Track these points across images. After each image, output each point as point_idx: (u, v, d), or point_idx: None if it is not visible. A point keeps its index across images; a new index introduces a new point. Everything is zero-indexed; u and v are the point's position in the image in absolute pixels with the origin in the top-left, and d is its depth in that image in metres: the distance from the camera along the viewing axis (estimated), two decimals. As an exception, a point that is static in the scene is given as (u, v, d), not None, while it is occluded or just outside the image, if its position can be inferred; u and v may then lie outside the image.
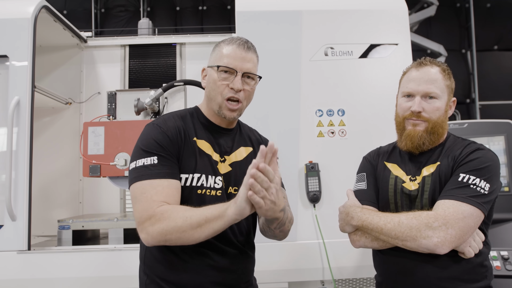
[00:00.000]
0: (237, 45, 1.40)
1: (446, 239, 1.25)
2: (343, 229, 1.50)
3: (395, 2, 2.50)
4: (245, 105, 1.44)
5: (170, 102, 2.64)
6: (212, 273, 1.35)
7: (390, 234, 1.33)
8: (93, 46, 3.01)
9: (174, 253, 1.36)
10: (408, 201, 1.45)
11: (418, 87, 1.45)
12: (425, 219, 1.28)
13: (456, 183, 1.34)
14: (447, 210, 1.28)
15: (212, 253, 1.36)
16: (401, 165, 1.52)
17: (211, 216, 1.19)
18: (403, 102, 1.50)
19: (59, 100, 2.80)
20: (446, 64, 1.52)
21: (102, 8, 7.65)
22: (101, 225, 2.34)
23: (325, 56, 2.39)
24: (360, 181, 1.59)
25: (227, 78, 1.38)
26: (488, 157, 1.38)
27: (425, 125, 1.45)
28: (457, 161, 1.39)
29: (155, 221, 1.22)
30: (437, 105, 1.44)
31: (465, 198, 1.29)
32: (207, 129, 1.45)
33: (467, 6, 8.01)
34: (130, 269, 2.18)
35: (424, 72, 1.46)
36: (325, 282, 2.33)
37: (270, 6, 2.45)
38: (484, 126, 2.06)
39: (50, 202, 2.88)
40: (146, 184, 1.28)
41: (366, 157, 1.67)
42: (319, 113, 2.35)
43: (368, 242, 1.43)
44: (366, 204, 1.50)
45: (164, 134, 1.34)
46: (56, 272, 2.15)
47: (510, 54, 8.15)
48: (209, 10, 7.81)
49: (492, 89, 7.92)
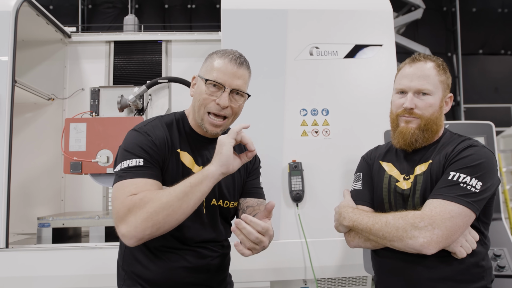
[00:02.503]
0: (229, 59, 1.34)
1: (433, 239, 1.22)
2: (337, 229, 1.49)
3: (380, 4, 2.52)
4: (231, 122, 1.40)
5: (154, 99, 2.62)
6: (186, 272, 1.35)
7: (378, 234, 1.31)
8: (77, 42, 2.97)
9: (150, 251, 1.36)
10: (401, 200, 1.42)
11: (411, 83, 1.42)
12: (411, 219, 1.26)
13: (446, 182, 1.30)
14: (434, 209, 1.25)
15: (186, 252, 1.36)
16: (396, 164, 1.50)
17: (195, 181, 1.19)
18: (396, 98, 1.47)
19: (41, 96, 2.76)
20: (441, 59, 1.49)
21: (90, 4, 7.56)
22: (82, 223, 2.31)
23: (310, 56, 2.40)
24: (357, 181, 1.57)
25: (214, 92, 1.33)
26: (481, 154, 1.33)
27: (417, 122, 1.41)
28: (449, 159, 1.35)
29: (137, 209, 1.16)
30: (430, 101, 1.41)
31: (453, 197, 1.26)
32: (191, 139, 1.40)
33: (454, 10, 8.12)
34: (111, 268, 2.14)
35: (417, 68, 1.43)
36: (308, 281, 2.33)
37: (256, 5, 2.45)
38: (465, 127, 2.08)
39: (31, 199, 2.83)
40: (127, 182, 1.23)
41: (364, 157, 1.64)
42: (303, 113, 2.35)
43: (361, 242, 1.41)
44: (360, 204, 1.49)
45: (152, 143, 1.30)
46: (35, 270, 2.11)
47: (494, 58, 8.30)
48: (198, 9, 7.78)
49: (477, 92, 8.06)
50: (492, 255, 1.77)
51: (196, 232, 1.37)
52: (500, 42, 8.24)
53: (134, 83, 2.77)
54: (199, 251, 1.38)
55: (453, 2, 8.11)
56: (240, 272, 1.90)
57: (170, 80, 2.61)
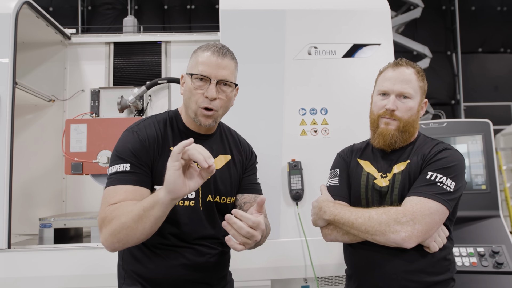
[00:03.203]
0: (211, 51, 1.36)
1: (413, 233, 1.30)
2: (315, 223, 1.54)
3: (378, 3, 2.53)
4: (221, 113, 1.42)
5: (154, 100, 2.63)
6: (185, 270, 1.37)
7: (360, 228, 1.38)
8: (77, 43, 2.99)
9: (148, 249, 1.37)
10: (378, 197, 1.50)
11: (394, 86, 1.50)
12: (394, 215, 1.33)
13: (424, 181, 1.40)
14: (415, 206, 1.34)
15: (184, 249, 1.38)
16: (373, 162, 1.57)
17: (147, 205, 1.16)
18: (378, 100, 1.55)
19: (42, 97, 2.77)
20: (420, 66, 1.59)
21: (89, 6, 7.58)
22: (84, 223, 2.33)
23: (309, 55, 2.41)
24: (334, 177, 1.64)
25: (201, 86, 1.35)
26: (455, 157, 1.44)
27: (396, 124, 1.50)
28: (426, 160, 1.45)
29: (106, 223, 1.21)
30: (410, 105, 1.49)
31: (432, 195, 1.35)
32: (184, 136, 1.41)
33: (452, 9, 8.13)
34: (112, 267, 2.16)
35: (400, 72, 1.51)
36: (308, 279, 2.35)
37: (254, 5, 2.46)
38: (463, 125, 2.10)
39: (33, 200, 2.85)
40: (111, 189, 1.27)
41: (340, 154, 1.73)
42: (302, 112, 2.37)
43: (339, 236, 1.48)
44: (338, 199, 1.55)
45: (141, 143, 1.33)
46: (37, 271, 2.12)
47: (494, 57, 8.30)
48: (197, 9, 7.80)
49: (477, 90, 8.07)
50: (491, 252, 1.79)
51: (193, 228, 1.38)
52: (499, 41, 8.25)
53: (134, 84, 2.78)
54: (197, 248, 1.39)
55: (452, 0, 8.12)
56: (240, 271, 1.91)
57: (170, 81, 2.62)
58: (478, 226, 1.95)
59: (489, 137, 2.04)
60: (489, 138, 2.04)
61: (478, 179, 2.08)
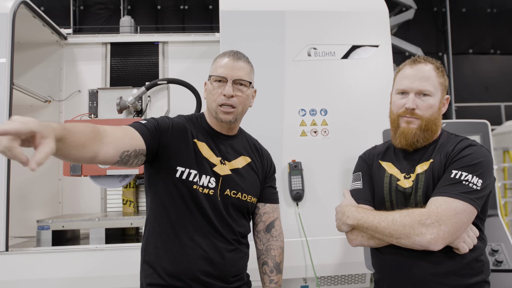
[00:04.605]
0: (227, 56, 1.52)
1: (439, 235, 1.25)
2: (339, 228, 1.50)
3: (376, 5, 2.55)
4: (241, 110, 1.53)
5: (153, 101, 2.62)
6: (202, 261, 1.42)
7: (384, 232, 1.34)
8: (73, 44, 2.96)
9: (168, 239, 1.45)
10: (402, 199, 1.45)
11: (412, 84, 1.45)
12: (418, 216, 1.29)
13: (449, 180, 1.34)
14: (439, 207, 1.29)
15: (202, 241, 1.44)
16: (395, 163, 1.53)
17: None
18: (397, 99, 1.50)
19: (38, 98, 2.74)
20: (440, 61, 1.54)
21: (81, 6, 7.52)
22: (82, 225, 2.30)
23: (308, 57, 2.42)
24: (356, 181, 1.59)
25: (220, 86, 1.49)
26: (480, 153, 1.38)
27: (418, 122, 1.45)
28: (450, 158, 1.40)
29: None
30: (430, 102, 1.44)
31: (457, 195, 1.30)
32: (208, 134, 1.55)
33: (444, 10, 8.23)
34: (112, 269, 2.16)
35: (418, 70, 1.46)
36: (308, 279, 2.36)
37: (254, 6, 2.47)
38: (461, 126, 2.12)
39: (28, 202, 2.81)
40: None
41: (362, 157, 1.66)
42: (302, 113, 2.38)
43: (364, 240, 1.44)
44: (362, 203, 1.51)
45: (167, 123, 1.46)
46: (35, 273, 2.10)
47: (484, 58, 8.43)
48: (191, 10, 7.79)
49: (467, 91, 8.18)
50: (490, 250, 1.81)
51: (213, 216, 1.46)
52: (489, 42, 8.38)
53: (131, 84, 2.77)
54: (213, 240, 1.45)
55: (444, 2, 8.22)
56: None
57: (169, 81, 2.61)
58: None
59: (487, 137, 2.07)
60: (487, 138, 2.06)
61: (476, 178, 2.10)
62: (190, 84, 2.57)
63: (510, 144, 5.63)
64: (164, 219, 1.45)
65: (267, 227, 1.63)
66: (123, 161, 1.29)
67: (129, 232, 2.62)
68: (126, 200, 2.68)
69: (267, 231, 1.63)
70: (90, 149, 1.14)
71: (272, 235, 1.63)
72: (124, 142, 1.27)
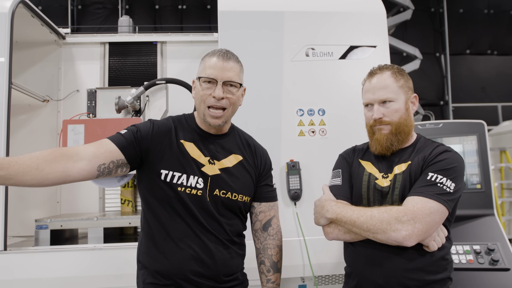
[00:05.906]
0: (217, 56, 1.48)
1: (414, 232, 1.33)
2: (317, 222, 1.57)
3: (374, 5, 2.57)
4: (230, 112, 1.52)
5: (151, 101, 2.62)
6: (192, 261, 1.43)
7: (362, 226, 1.41)
8: (72, 43, 2.96)
9: (161, 240, 1.46)
10: (379, 197, 1.53)
11: (374, 96, 1.55)
12: (395, 213, 1.36)
13: (425, 181, 1.43)
14: (415, 205, 1.36)
15: (193, 241, 1.44)
16: (374, 163, 1.61)
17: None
18: (366, 112, 1.61)
19: (36, 98, 2.74)
20: (397, 66, 1.61)
21: (79, 5, 7.51)
22: (81, 224, 2.31)
23: (306, 57, 2.43)
24: (336, 177, 1.67)
25: (209, 88, 1.46)
26: (455, 159, 1.47)
27: (389, 128, 1.54)
28: (427, 161, 1.48)
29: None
30: (395, 107, 1.53)
31: (432, 195, 1.38)
32: (197, 134, 1.53)
33: (441, 11, 8.26)
34: (110, 269, 2.16)
35: (376, 80, 1.56)
36: (305, 278, 2.37)
37: (252, 7, 2.48)
38: (458, 126, 2.15)
39: (26, 202, 2.81)
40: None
41: (342, 155, 1.75)
42: (300, 113, 2.39)
43: (341, 234, 1.50)
44: (340, 198, 1.58)
45: (147, 127, 1.47)
46: (34, 273, 2.10)
47: (481, 58, 8.46)
48: (189, 9, 7.79)
49: (465, 91, 8.21)
50: (487, 249, 1.83)
51: (202, 217, 1.46)
52: (486, 43, 8.41)
53: (129, 84, 2.77)
54: (204, 240, 1.45)
55: (441, 3, 8.25)
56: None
57: (168, 81, 2.62)
58: (474, 225, 2.00)
59: (484, 138, 2.09)
60: (483, 139, 2.08)
61: (473, 178, 2.13)
62: (188, 83, 2.57)
63: (507, 144, 5.66)
64: (154, 220, 1.47)
65: (264, 225, 1.64)
66: (103, 173, 1.35)
67: (127, 231, 2.62)
68: (124, 200, 2.69)
69: (264, 230, 1.63)
70: (52, 170, 1.22)
71: (269, 233, 1.64)
72: (97, 156, 1.33)
